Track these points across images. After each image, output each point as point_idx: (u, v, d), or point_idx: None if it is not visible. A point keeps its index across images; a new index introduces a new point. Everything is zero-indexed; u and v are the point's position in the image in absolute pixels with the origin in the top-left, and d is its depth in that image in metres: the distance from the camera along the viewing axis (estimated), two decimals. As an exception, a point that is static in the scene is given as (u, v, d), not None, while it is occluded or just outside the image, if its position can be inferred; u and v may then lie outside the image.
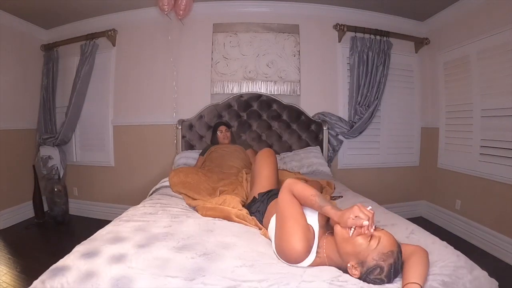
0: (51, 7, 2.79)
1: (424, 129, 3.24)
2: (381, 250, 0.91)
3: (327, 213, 1.04)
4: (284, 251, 1.03)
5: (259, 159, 1.68)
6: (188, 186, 1.86)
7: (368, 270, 0.91)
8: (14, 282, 1.89)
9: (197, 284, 0.88)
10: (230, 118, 2.90)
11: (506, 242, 2.24)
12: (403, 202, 3.22)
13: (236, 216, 1.43)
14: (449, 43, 2.85)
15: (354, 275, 0.94)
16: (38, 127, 3.22)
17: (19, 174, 3.08)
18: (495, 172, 2.37)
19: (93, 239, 1.15)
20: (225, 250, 1.08)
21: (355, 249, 0.93)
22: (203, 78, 2.99)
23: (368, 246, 0.92)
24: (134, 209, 1.55)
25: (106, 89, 3.13)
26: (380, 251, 0.90)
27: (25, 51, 3.13)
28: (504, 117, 2.31)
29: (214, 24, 2.97)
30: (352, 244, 0.94)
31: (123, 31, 3.07)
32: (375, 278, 0.91)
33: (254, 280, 0.91)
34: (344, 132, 2.95)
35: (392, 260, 0.90)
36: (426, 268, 0.93)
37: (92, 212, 3.26)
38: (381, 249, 0.91)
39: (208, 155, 2.46)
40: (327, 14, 2.98)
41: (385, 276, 0.90)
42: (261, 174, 1.62)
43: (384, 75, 2.94)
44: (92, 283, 0.88)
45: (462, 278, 0.96)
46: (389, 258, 0.90)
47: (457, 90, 2.80)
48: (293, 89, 3.00)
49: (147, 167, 3.08)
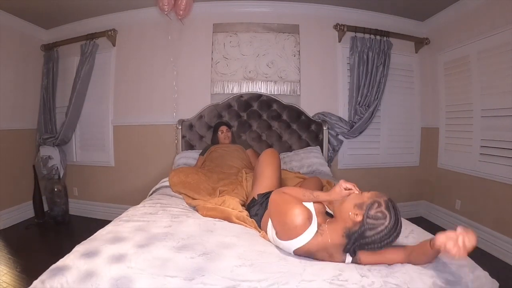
0: (51, 7, 2.79)
1: (424, 129, 3.24)
2: (373, 193, 1.05)
3: (322, 198, 1.15)
4: (285, 225, 1.06)
5: (262, 159, 1.68)
6: (188, 186, 1.85)
7: (367, 207, 0.99)
8: (14, 282, 1.89)
9: (196, 284, 0.88)
10: (230, 118, 2.90)
11: (506, 242, 2.24)
12: (403, 202, 3.21)
13: (237, 218, 1.43)
14: (449, 43, 2.85)
15: (357, 220, 0.99)
16: (38, 127, 3.22)
17: (19, 174, 3.08)
18: (495, 172, 2.37)
19: (93, 239, 1.15)
20: (225, 250, 1.08)
21: (352, 202, 1.04)
22: (203, 78, 2.99)
23: (361, 194, 1.07)
24: (134, 209, 1.55)
25: (106, 89, 3.13)
26: (373, 193, 1.05)
27: (25, 51, 3.13)
28: (504, 117, 2.30)
29: (214, 24, 2.97)
30: (348, 200, 1.06)
31: (123, 31, 3.07)
32: (376, 213, 0.98)
33: (253, 279, 0.90)
34: (344, 132, 2.95)
35: (387, 197, 1.02)
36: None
37: (92, 212, 3.26)
38: (373, 193, 1.05)
39: (208, 155, 2.46)
40: (327, 14, 2.98)
41: (385, 208, 0.98)
42: (263, 175, 1.61)
43: (384, 75, 2.94)
44: (92, 283, 0.88)
45: (465, 277, 0.97)
46: (383, 196, 1.02)
47: (457, 90, 2.80)
48: (293, 89, 3.00)
49: (147, 167, 3.08)
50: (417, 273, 0.96)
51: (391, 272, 0.96)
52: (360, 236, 0.98)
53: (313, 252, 1.05)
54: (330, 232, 1.04)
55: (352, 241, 1.00)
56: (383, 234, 0.97)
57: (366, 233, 0.98)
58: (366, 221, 0.98)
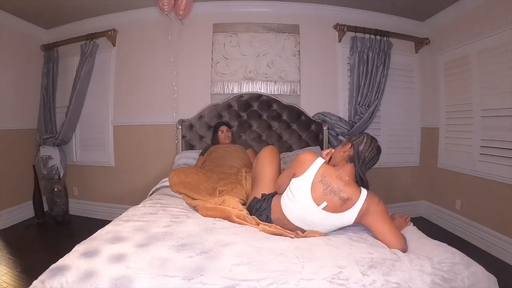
0: (51, 7, 2.80)
1: (424, 129, 3.24)
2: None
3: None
4: (298, 159, 1.39)
5: (262, 157, 1.66)
6: (188, 186, 1.85)
7: (347, 139, 1.40)
8: (14, 282, 1.89)
9: (195, 283, 0.88)
10: (230, 118, 2.90)
11: (506, 242, 2.23)
12: (403, 202, 3.22)
13: (237, 217, 1.43)
14: (449, 43, 2.85)
15: (347, 147, 1.34)
16: (38, 127, 3.22)
17: (19, 174, 3.08)
18: (495, 172, 2.36)
19: (92, 239, 1.15)
20: (223, 248, 1.08)
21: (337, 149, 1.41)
22: (203, 78, 2.99)
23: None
24: (134, 209, 1.55)
25: (106, 89, 3.13)
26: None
27: (25, 51, 3.14)
28: (504, 117, 2.30)
29: (214, 24, 2.97)
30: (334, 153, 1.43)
31: (123, 31, 3.07)
32: (355, 136, 1.36)
33: (252, 279, 0.90)
34: (344, 132, 2.95)
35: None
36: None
37: (92, 212, 3.26)
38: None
39: (208, 155, 2.46)
40: (327, 14, 2.98)
41: (359, 133, 1.40)
42: (264, 176, 1.59)
43: (384, 75, 2.94)
44: (92, 283, 0.88)
45: (460, 273, 0.98)
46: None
47: (457, 90, 2.80)
48: (293, 89, 3.00)
49: (147, 167, 3.08)
50: (417, 271, 0.97)
51: (392, 270, 0.96)
52: (358, 154, 1.30)
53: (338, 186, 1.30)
54: (337, 168, 1.35)
55: (356, 160, 1.30)
56: (369, 144, 1.31)
57: (360, 148, 1.31)
58: (353, 142, 1.33)
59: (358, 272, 0.94)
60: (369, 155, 1.30)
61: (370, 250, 1.11)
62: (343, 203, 1.26)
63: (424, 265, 1.00)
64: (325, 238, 1.26)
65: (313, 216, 1.31)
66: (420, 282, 0.92)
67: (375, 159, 1.33)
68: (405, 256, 1.06)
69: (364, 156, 1.30)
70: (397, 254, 1.08)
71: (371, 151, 1.30)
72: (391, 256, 1.06)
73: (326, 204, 1.27)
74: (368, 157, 1.30)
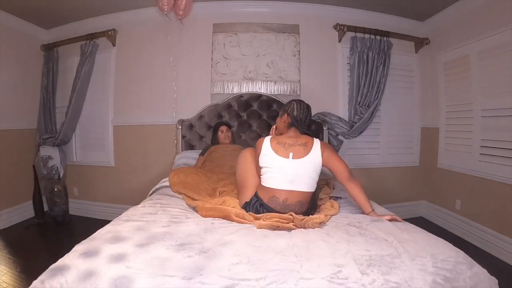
0: (51, 7, 2.80)
1: (424, 129, 3.24)
2: None
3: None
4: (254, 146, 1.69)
5: (241, 162, 1.74)
6: (188, 186, 1.86)
7: (281, 109, 1.73)
8: (14, 282, 1.89)
9: (195, 283, 0.88)
10: (230, 118, 2.90)
11: (506, 242, 2.23)
12: (403, 202, 3.22)
13: (236, 215, 1.44)
14: (449, 43, 2.85)
15: (284, 116, 1.65)
16: (38, 127, 3.22)
17: (19, 174, 3.08)
18: (495, 172, 2.36)
19: (92, 239, 1.15)
20: (222, 247, 1.08)
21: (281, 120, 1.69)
22: (203, 78, 2.99)
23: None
24: (134, 209, 1.54)
25: (106, 89, 3.13)
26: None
27: (25, 51, 3.14)
28: (504, 117, 2.30)
29: (214, 24, 2.97)
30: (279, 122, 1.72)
31: (123, 31, 3.08)
32: (286, 105, 1.69)
33: (252, 278, 0.90)
34: (344, 132, 2.95)
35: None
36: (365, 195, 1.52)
37: (92, 212, 3.26)
38: None
39: (208, 155, 2.46)
40: (327, 14, 2.98)
41: (288, 101, 1.71)
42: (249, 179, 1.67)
43: (384, 75, 2.94)
44: (91, 283, 0.88)
45: (462, 273, 0.97)
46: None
47: (457, 90, 2.80)
48: (293, 89, 3.00)
49: (147, 167, 3.08)
50: (418, 270, 0.96)
51: (392, 269, 0.95)
52: (294, 118, 1.61)
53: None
54: (280, 134, 1.69)
55: (295, 123, 1.61)
56: (300, 107, 1.62)
57: (294, 114, 1.61)
58: (288, 112, 1.64)
59: (357, 271, 0.93)
60: (303, 116, 1.62)
61: (367, 246, 1.09)
62: (304, 147, 1.56)
63: (426, 264, 0.98)
64: (322, 233, 1.26)
65: (291, 170, 1.53)
66: (421, 282, 0.91)
67: (308, 117, 1.64)
68: (405, 253, 1.04)
69: (300, 118, 1.61)
70: (397, 250, 1.06)
71: (303, 112, 1.62)
72: (389, 252, 1.05)
73: (293, 154, 1.54)
74: (303, 118, 1.62)
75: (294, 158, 1.54)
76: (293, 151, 1.55)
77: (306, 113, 1.63)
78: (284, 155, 1.54)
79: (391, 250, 1.06)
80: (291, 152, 1.55)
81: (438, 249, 1.07)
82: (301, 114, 1.61)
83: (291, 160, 1.53)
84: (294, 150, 1.56)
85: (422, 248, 1.08)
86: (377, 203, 1.68)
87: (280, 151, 1.56)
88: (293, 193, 1.51)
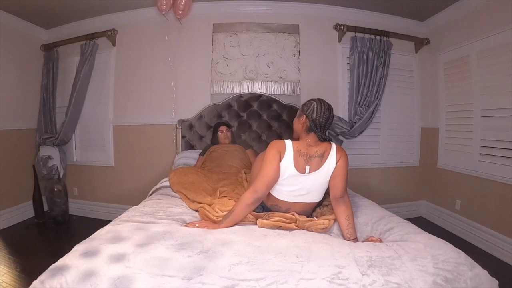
0: (51, 7, 2.80)
1: (424, 129, 3.24)
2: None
3: None
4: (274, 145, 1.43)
5: (259, 158, 1.66)
6: (188, 186, 1.85)
7: (300, 109, 1.51)
8: (14, 282, 1.89)
9: (195, 283, 0.88)
10: (230, 118, 2.90)
11: (506, 242, 2.23)
12: (403, 202, 3.22)
13: None
14: (449, 43, 2.85)
15: (303, 118, 1.45)
16: (38, 127, 3.22)
17: (19, 174, 3.08)
18: (495, 172, 2.36)
19: (92, 239, 1.15)
20: (222, 247, 1.08)
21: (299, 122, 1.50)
22: (203, 78, 2.99)
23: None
24: (134, 209, 1.55)
25: (106, 89, 3.13)
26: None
27: (25, 51, 3.14)
28: (504, 117, 2.30)
29: (214, 24, 2.97)
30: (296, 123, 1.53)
31: (123, 31, 3.07)
32: (305, 105, 1.48)
33: (252, 278, 0.90)
34: (344, 132, 2.95)
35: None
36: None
37: (92, 212, 3.26)
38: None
39: (208, 155, 2.46)
40: (327, 14, 2.98)
41: (307, 101, 1.49)
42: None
43: (384, 75, 2.94)
44: (91, 283, 0.88)
45: (463, 275, 0.97)
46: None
47: (457, 90, 2.80)
48: (293, 89, 3.00)
49: (147, 167, 3.08)
50: (418, 271, 0.96)
51: (392, 270, 0.96)
52: (313, 122, 1.41)
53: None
54: (303, 140, 1.46)
55: (314, 128, 1.42)
56: (320, 109, 1.41)
57: (314, 116, 1.41)
58: (306, 114, 1.43)
59: (357, 272, 0.94)
60: (323, 119, 1.41)
61: (368, 248, 1.10)
62: (322, 158, 1.42)
63: (427, 265, 0.98)
64: (324, 235, 1.26)
65: (305, 184, 1.42)
66: (421, 283, 0.91)
67: (330, 119, 1.44)
68: (406, 254, 1.04)
69: (319, 121, 1.41)
70: (397, 252, 1.07)
71: (324, 115, 1.41)
72: (389, 253, 1.05)
73: (310, 167, 1.41)
74: (323, 121, 1.42)
75: (310, 172, 1.41)
76: (311, 165, 1.41)
77: (328, 116, 1.42)
78: (302, 170, 1.40)
79: (391, 252, 1.06)
80: (309, 166, 1.40)
81: (439, 250, 1.06)
82: (321, 118, 1.40)
83: (307, 175, 1.40)
84: (312, 163, 1.41)
85: (423, 249, 1.08)
86: (377, 203, 1.68)
87: (300, 165, 1.40)
88: (300, 204, 1.46)
